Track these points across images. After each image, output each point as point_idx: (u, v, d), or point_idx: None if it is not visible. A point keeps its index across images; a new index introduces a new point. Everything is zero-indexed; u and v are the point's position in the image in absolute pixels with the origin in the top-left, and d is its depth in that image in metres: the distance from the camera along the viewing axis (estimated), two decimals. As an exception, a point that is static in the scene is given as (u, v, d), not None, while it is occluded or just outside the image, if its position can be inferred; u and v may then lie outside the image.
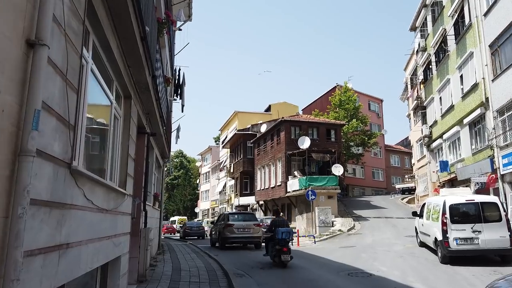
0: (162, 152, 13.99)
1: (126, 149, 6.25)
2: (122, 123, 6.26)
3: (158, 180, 14.61)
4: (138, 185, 8.37)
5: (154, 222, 12.56)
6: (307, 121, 29.42)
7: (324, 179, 23.60)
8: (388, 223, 21.58)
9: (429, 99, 26.22)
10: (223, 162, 51.66)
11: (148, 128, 9.10)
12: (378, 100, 53.31)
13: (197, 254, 13.81)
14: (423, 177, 30.36)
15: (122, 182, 6.12)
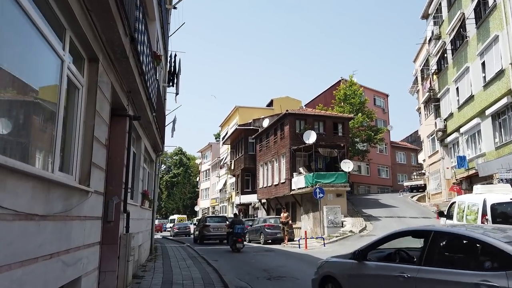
0: (154, 145, 12.32)
1: (90, 131, 4.59)
2: (84, 94, 4.59)
3: (150, 176, 12.95)
4: (117, 180, 6.71)
5: (144, 225, 10.91)
6: (312, 114, 27.71)
7: (333, 176, 21.94)
8: (402, 223, 19.91)
9: (443, 90, 24.54)
10: (223, 159, 50.04)
11: (131, 111, 7.43)
12: (384, 95, 51.67)
13: (193, 260, 12.16)
14: (435, 174, 28.71)
15: (84, 175, 4.46)
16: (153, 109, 9.16)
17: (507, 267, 3.70)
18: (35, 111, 3.45)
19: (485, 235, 4.29)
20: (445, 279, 4.13)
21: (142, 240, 10.36)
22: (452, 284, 4.03)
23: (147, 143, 10.85)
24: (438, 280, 4.20)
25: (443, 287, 4.15)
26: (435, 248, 4.64)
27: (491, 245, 4.03)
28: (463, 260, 4.58)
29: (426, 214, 23.15)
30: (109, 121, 5.52)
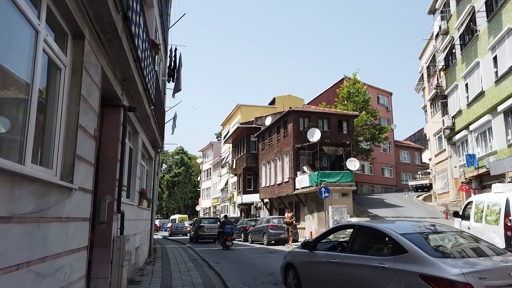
0: (153, 141, 11.69)
1: (74, 118, 3.95)
2: (68, 76, 3.96)
3: (149, 174, 12.32)
4: (109, 178, 6.08)
5: (142, 226, 10.28)
6: (317, 111, 27.03)
7: (338, 175, 21.27)
8: (410, 224, 19.25)
9: (451, 87, 23.84)
10: (225, 158, 49.41)
11: (126, 102, 6.80)
12: (387, 93, 50.99)
13: (194, 262, 11.52)
14: (441, 173, 28.03)
15: (66, 169, 3.83)
16: (151, 102, 8.54)
17: (395, 253, 4.79)
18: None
19: (387, 228, 5.35)
20: (360, 263, 5.28)
21: (139, 242, 9.74)
22: (363, 267, 5.17)
23: (145, 138, 10.22)
24: (355, 264, 5.35)
25: (358, 269, 5.28)
26: (357, 239, 5.79)
27: (389, 236, 5.10)
28: (373, 248, 5.60)
29: (434, 214, 22.47)
30: (99, 109, 4.89)
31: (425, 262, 4.45)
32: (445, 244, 5.12)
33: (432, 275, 4.26)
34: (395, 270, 4.64)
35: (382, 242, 5.28)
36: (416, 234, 5.16)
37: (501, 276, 4.22)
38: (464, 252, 5.01)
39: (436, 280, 4.19)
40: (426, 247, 4.75)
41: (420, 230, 5.45)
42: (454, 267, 4.22)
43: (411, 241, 4.81)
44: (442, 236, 5.31)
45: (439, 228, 5.56)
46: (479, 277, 4.07)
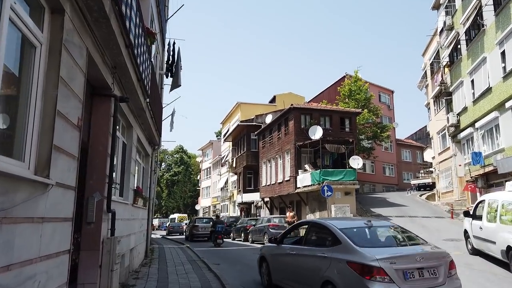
0: (150, 137, 11.18)
1: (51, 103, 3.43)
2: (44, 55, 3.44)
3: (146, 172, 11.81)
4: (98, 174, 5.57)
5: (138, 225, 9.77)
6: (318, 108, 26.50)
7: (341, 173, 20.75)
8: (415, 224, 18.74)
9: (456, 83, 23.32)
10: (225, 156, 48.89)
11: (118, 92, 6.28)
12: (389, 91, 50.49)
13: (192, 264, 11.01)
14: (445, 172, 27.51)
15: (42, 162, 3.31)
16: (147, 94, 8.02)
17: (334, 244, 5.77)
18: None
19: (330, 224, 6.34)
20: (309, 253, 6.33)
21: (135, 243, 9.24)
22: (311, 257, 6.21)
23: (141, 134, 9.70)
24: (306, 254, 6.41)
25: (308, 258, 6.33)
26: (310, 233, 6.93)
27: (331, 230, 6.07)
28: (320, 240, 6.53)
29: (439, 214, 21.98)
30: (84, 96, 4.37)
31: (352, 251, 5.44)
32: (373, 236, 6.18)
33: (355, 261, 5.26)
34: (332, 258, 5.68)
35: (326, 236, 6.30)
36: (351, 229, 6.22)
37: (410, 261, 5.24)
38: (386, 242, 6.09)
39: (357, 265, 5.19)
40: (356, 239, 5.71)
41: (357, 225, 6.60)
42: (371, 255, 5.20)
43: (345, 234, 5.81)
44: (373, 230, 6.30)
45: (374, 223, 6.48)
46: (390, 262, 5.06)
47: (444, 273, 5.33)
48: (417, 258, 5.29)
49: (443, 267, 5.34)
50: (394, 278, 4.98)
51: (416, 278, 5.12)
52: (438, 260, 5.40)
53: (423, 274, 5.18)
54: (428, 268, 5.25)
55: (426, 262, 5.30)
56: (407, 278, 5.07)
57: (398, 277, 5.01)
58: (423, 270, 5.19)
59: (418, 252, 5.53)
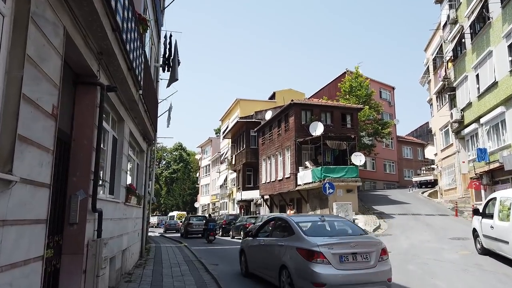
0: (144, 132, 10.66)
1: (16, 86, 2.92)
2: (8, 28, 2.93)
3: (141, 169, 11.29)
4: (82, 170, 5.06)
5: (131, 225, 9.26)
6: (319, 104, 25.97)
7: (343, 170, 20.26)
8: (419, 222, 18.29)
9: (460, 78, 22.80)
10: (224, 154, 48.39)
11: (106, 80, 5.77)
12: (390, 87, 49.98)
13: (189, 265, 10.51)
14: (448, 169, 27.03)
15: (3, 155, 2.80)
16: (139, 85, 7.50)
17: (289, 235, 7.02)
18: None
19: (289, 218, 7.63)
20: (273, 243, 7.54)
21: (127, 243, 8.74)
22: (274, 246, 7.42)
23: (134, 128, 9.19)
24: (271, 244, 7.62)
25: (271, 247, 7.53)
26: (275, 227, 8.17)
27: (289, 223, 7.27)
28: (281, 232, 7.65)
29: (443, 211, 21.51)
30: (60, 81, 3.85)
31: (301, 239, 6.65)
32: (322, 228, 7.40)
33: (302, 247, 6.43)
34: (287, 246, 6.92)
35: (286, 228, 7.49)
36: (305, 222, 7.54)
37: (345, 247, 6.35)
38: (331, 233, 7.31)
39: (303, 251, 6.36)
40: (306, 230, 7.02)
41: (311, 220, 8.04)
42: (314, 242, 6.35)
43: (299, 226, 7.07)
44: (324, 223, 7.56)
45: (327, 218, 7.89)
46: (328, 248, 6.20)
47: (376, 257, 6.44)
48: (352, 244, 6.46)
49: (375, 253, 6.47)
50: (331, 260, 6.17)
51: (350, 261, 6.31)
52: (370, 247, 6.56)
53: (356, 258, 6.37)
54: (361, 253, 6.40)
55: (360, 248, 6.45)
56: (342, 261, 6.26)
57: (334, 260, 6.20)
58: (356, 255, 6.36)
59: (353, 240, 6.74)
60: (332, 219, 8.05)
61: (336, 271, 6.13)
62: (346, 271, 6.19)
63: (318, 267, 6.08)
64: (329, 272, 6.09)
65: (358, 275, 6.27)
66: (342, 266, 6.18)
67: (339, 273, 6.13)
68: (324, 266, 6.10)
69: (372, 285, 6.35)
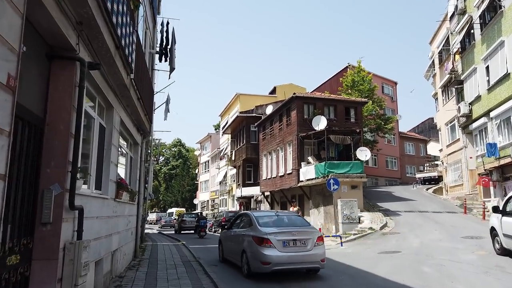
0: (138, 122, 9.87)
1: None
2: None
3: (135, 163, 10.52)
4: (58, 160, 4.29)
5: (123, 223, 8.49)
6: (322, 97, 25.11)
7: (347, 165, 19.47)
8: (427, 219, 17.54)
9: (468, 71, 22.02)
10: (223, 149, 47.59)
11: (88, 57, 4.98)
12: (392, 82, 49.15)
13: (187, 266, 9.75)
14: (454, 165, 26.28)
15: None
16: (129, 68, 6.71)
17: (249, 226, 9.09)
18: None
19: (251, 213, 9.74)
20: (239, 234, 9.57)
21: (119, 244, 7.98)
22: (239, 235, 9.49)
23: (126, 118, 8.40)
24: (237, 234, 9.65)
25: (237, 236, 9.62)
26: (241, 220, 10.16)
27: (250, 217, 9.37)
28: (244, 224, 9.68)
29: (450, 208, 20.76)
30: (20, 46, 3.06)
31: (256, 230, 8.53)
32: (274, 221, 9.14)
33: (256, 235, 8.33)
34: (246, 235, 8.85)
35: (248, 221, 9.38)
36: (262, 216, 9.39)
37: (288, 235, 8.25)
38: (281, 224, 8.95)
39: (256, 238, 8.25)
40: (261, 222, 8.82)
41: (267, 214, 9.95)
42: (264, 230, 8.33)
43: (256, 219, 8.98)
44: (277, 217, 9.42)
45: (280, 213, 9.90)
46: (274, 235, 8.13)
47: (312, 243, 8.35)
48: (293, 233, 8.39)
49: (311, 240, 8.38)
50: (276, 245, 8.07)
51: (291, 246, 8.23)
52: (308, 235, 8.48)
53: (296, 243, 8.28)
54: (300, 239, 8.30)
55: (299, 236, 8.35)
56: (284, 245, 8.16)
57: (279, 245, 8.10)
58: (296, 241, 8.28)
59: (295, 229, 8.58)
60: (284, 214, 10.15)
61: (279, 253, 8.08)
62: (287, 253, 8.15)
63: (266, 250, 8.07)
64: (274, 254, 8.04)
65: (297, 256, 8.23)
66: (284, 250, 8.17)
67: (282, 254, 8.09)
68: (270, 249, 8.08)
69: (307, 264, 8.41)
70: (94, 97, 6.07)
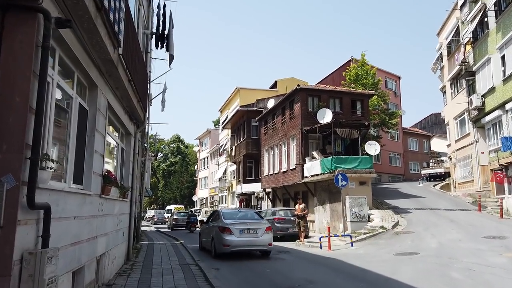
0: (130, 109, 8.79)
1: None
2: None
3: (127, 155, 9.44)
4: (11, 142, 3.23)
5: (111, 223, 7.42)
6: (328, 89, 24.00)
7: (356, 160, 18.39)
8: (440, 217, 16.52)
9: (481, 61, 20.96)
10: (223, 145, 46.49)
11: (57, 12, 3.90)
12: (396, 77, 48.09)
13: (184, 270, 8.69)
14: (464, 160, 25.24)
15: None
16: (116, 40, 5.62)
17: (216, 221, 12.34)
18: None
19: (221, 210, 13.40)
20: (211, 226, 12.61)
21: (106, 247, 6.92)
22: (211, 227, 12.54)
23: (115, 103, 7.32)
24: (210, 226, 12.73)
25: (212, 228, 12.40)
26: (213, 216, 13.25)
27: (219, 213, 12.56)
28: (215, 218, 12.64)
29: (462, 206, 19.75)
30: None
31: (222, 222, 11.58)
32: (236, 216, 12.34)
33: (221, 226, 11.41)
34: (215, 226, 11.89)
35: (217, 215, 12.54)
36: (227, 213, 12.77)
37: (244, 225, 11.47)
38: (240, 218, 12.12)
39: (220, 227, 11.47)
40: (226, 216, 12.00)
41: (231, 211, 13.83)
42: (227, 222, 11.44)
43: (223, 215, 12.18)
44: (239, 213, 12.96)
45: (242, 210, 14.47)
46: (233, 226, 11.23)
47: (262, 232, 11.49)
48: (248, 224, 11.54)
49: (261, 229, 11.51)
50: (234, 232, 11.12)
51: (246, 233, 11.31)
52: (259, 225, 11.62)
53: (250, 231, 11.38)
54: (252, 229, 11.43)
55: (252, 226, 11.49)
56: (241, 233, 11.21)
57: (237, 232, 11.15)
58: (250, 230, 11.38)
59: (249, 221, 11.82)
60: (245, 211, 14.13)
61: (236, 238, 11.15)
62: (242, 239, 11.23)
63: (227, 236, 11.13)
64: (232, 238, 11.11)
65: (250, 241, 11.35)
66: (241, 236, 11.24)
67: (238, 239, 11.17)
68: (230, 235, 11.13)
69: (258, 246, 11.56)
70: (72, 71, 5.00)
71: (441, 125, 60.28)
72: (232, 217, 12.01)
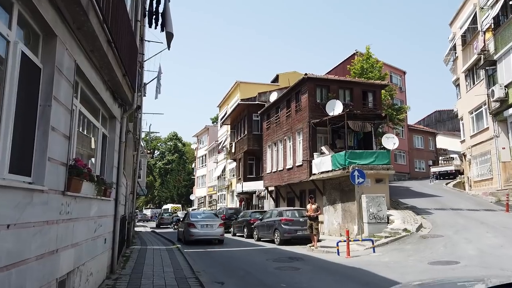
0: (114, 87, 7.02)
1: None
2: None
3: (111, 143, 7.66)
4: None
5: (86, 229, 5.65)
6: (337, 79, 22.25)
7: (372, 155, 16.67)
8: (468, 219, 14.83)
9: (505, 49, 19.31)
10: (222, 142, 44.69)
11: None
12: (401, 71, 46.50)
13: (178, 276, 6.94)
14: (481, 157, 23.58)
15: None
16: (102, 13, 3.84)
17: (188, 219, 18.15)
18: None
19: (189, 211, 23.56)
20: (183, 222, 19.10)
21: (78, 261, 5.19)
22: (183, 223, 18.92)
23: (91, 71, 5.56)
24: (183, 223, 19.24)
25: (183, 224, 18.78)
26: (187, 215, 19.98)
27: (188, 213, 20.15)
28: (187, 217, 18.83)
29: (486, 206, 18.09)
30: None
31: (189, 220, 17.48)
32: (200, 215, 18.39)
33: (188, 222, 17.36)
34: (185, 222, 18.22)
35: (187, 215, 18.72)
36: (194, 214, 19.31)
37: (204, 222, 17.25)
38: (203, 217, 17.93)
39: (188, 223, 17.17)
40: (192, 216, 18.07)
41: (197, 213, 20.92)
42: (192, 219, 17.40)
43: (190, 214, 18.73)
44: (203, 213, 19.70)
45: (205, 211, 23.37)
46: (197, 222, 17.06)
47: (216, 226, 16.94)
48: (207, 221, 17.25)
49: (216, 225, 17.01)
50: (197, 227, 16.71)
51: (206, 228, 16.82)
52: (215, 222, 17.24)
53: (207, 226, 16.90)
54: (209, 224, 16.99)
55: (210, 222, 17.13)
56: (202, 227, 16.76)
57: (199, 226, 16.76)
58: (207, 224, 16.94)
59: (208, 219, 17.55)
60: (206, 212, 20.56)
61: (199, 231, 16.54)
62: (203, 231, 16.58)
63: (192, 229, 16.58)
64: (196, 231, 16.52)
65: (208, 233, 16.67)
66: (202, 229, 16.63)
67: (200, 232, 16.54)
68: (194, 229, 16.57)
69: (214, 236, 16.70)
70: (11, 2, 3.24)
71: (445, 123, 58.80)
72: (196, 216, 17.99)
